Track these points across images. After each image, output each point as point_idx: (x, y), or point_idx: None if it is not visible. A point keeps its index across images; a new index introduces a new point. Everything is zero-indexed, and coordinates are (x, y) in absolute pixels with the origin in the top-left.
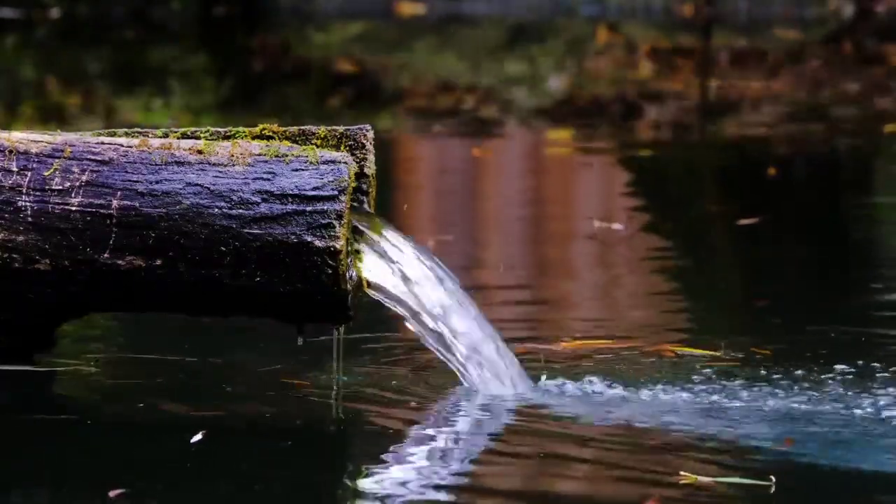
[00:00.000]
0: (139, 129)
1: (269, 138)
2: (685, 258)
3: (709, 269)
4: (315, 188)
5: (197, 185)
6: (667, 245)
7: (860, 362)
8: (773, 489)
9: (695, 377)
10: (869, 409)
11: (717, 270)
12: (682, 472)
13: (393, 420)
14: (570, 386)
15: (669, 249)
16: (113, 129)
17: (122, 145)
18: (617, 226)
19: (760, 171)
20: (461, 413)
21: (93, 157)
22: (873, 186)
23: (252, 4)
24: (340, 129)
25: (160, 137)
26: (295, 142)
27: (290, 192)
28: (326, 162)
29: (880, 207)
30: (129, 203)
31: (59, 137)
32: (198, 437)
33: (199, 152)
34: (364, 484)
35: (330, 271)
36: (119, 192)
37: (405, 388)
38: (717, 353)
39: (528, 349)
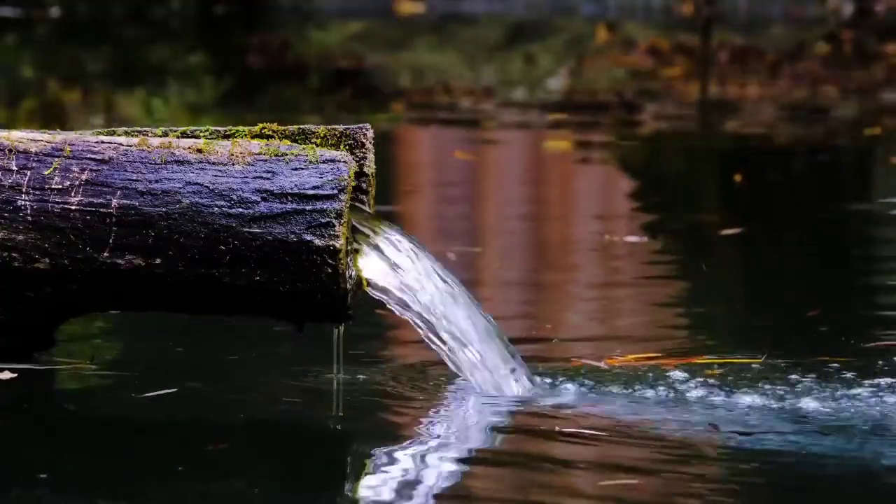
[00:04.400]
0: (139, 129)
1: (268, 137)
2: (699, 267)
3: (731, 277)
4: (315, 187)
5: (196, 184)
6: (681, 253)
7: None
8: None
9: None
10: None
11: (738, 278)
12: None
13: (393, 419)
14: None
15: (684, 258)
16: (112, 128)
17: (121, 144)
18: (631, 237)
19: (759, 174)
20: (461, 411)
21: (92, 157)
22: (872, 191)
23: (252, 3)
24: (340, 128)
25: (160, 136)
26: (294, 141)
27: (290, 191)
28: (326, 161)
29: (877, 213)
30: (128, 202)
31: (58, 136)
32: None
33: (199, 151)
34: (364, 484)
35: (329, 270)
36: (119, 192)
37: (405, 387)
38: (758, 362)
39: (581, 364)
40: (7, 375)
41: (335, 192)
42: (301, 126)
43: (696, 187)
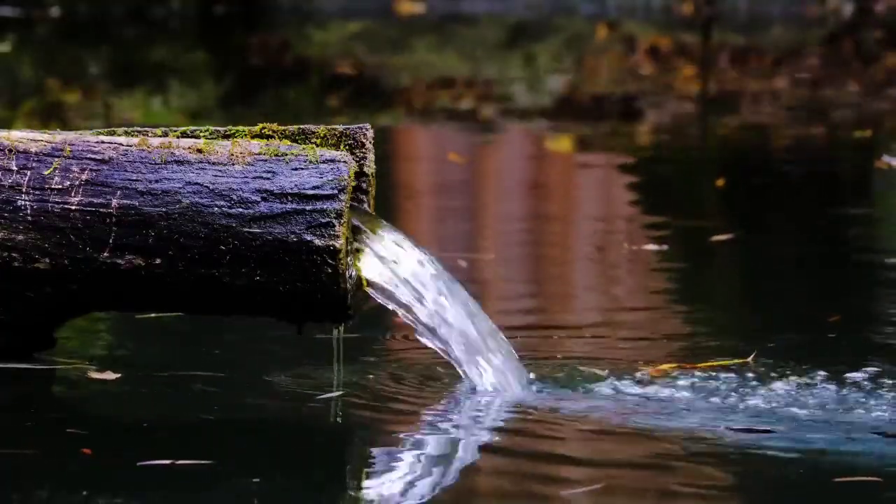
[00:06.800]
0: (138, 129)
1: (268, 137)
2: (701, 270)
3: (734, 279)
4: (315, 187)
5: (196, 184)
6: (687, 259)
7: None
8: None
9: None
10: None
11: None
12: None
13: (393, 419)
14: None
15: (689, 264)
16: (112, 128)
17: (121, 144)
18: (651, 246)
19: (756, 176)
20: (461, 412)
21: (92, 156)
22: (869, 195)
23: (252, 3)
24: (340, 128)
25: (160, 136)
26: (294, 141)
27: (290, 191)
28: (326, 161)
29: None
30: (128, 202)
31: (58, 136)
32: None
33: (199, 151)
34: (364, 484)
35: (329, 270)
36: (119, 191)
37: (405, 387)
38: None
39: (608, 374)
40: (111, 376)
41: (335, 192)
42: (301, 126)
43: (697, 191)
